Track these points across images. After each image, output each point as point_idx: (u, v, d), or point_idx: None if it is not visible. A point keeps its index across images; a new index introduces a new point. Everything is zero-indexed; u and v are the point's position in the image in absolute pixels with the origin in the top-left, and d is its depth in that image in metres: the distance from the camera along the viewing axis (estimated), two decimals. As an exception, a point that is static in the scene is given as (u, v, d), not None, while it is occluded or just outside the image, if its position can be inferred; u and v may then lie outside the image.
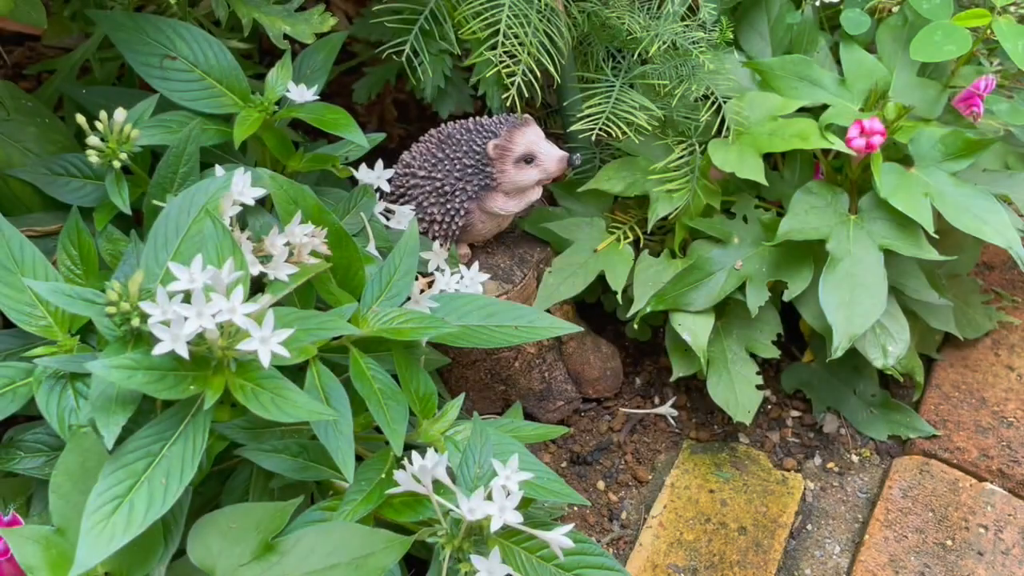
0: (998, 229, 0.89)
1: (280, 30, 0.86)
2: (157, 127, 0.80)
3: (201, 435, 0.57)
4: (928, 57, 0.92)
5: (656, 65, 0.96)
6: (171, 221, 0.67)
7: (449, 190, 0.89)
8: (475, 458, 0.69)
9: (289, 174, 0.85)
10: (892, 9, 1.03)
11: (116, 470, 0.56)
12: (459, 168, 0.88)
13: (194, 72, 0.85)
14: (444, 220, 0.90)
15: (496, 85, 0.98)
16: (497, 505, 0.62)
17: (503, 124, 0.88)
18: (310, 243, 0.74)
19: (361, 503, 0.67)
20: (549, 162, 0.89)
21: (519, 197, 0.91)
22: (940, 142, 0.93)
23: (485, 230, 0.93)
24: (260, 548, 0.60)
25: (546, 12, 0.88)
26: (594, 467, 1.01)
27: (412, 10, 0.92)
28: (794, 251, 0.94)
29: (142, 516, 0.55)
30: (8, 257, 0.69)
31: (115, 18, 0.84)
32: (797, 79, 0.98)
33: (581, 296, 0.99)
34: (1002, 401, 1.05)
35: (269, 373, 0.58)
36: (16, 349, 0.71)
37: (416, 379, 0.75)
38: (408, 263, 0.78)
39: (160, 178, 0.77)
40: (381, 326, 0.74)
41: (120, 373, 0.55)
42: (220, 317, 0.55)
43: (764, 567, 0.89)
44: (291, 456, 0.68)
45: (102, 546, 0.54)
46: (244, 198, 0.72)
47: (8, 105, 0.84)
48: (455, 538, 0.63)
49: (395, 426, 0.69)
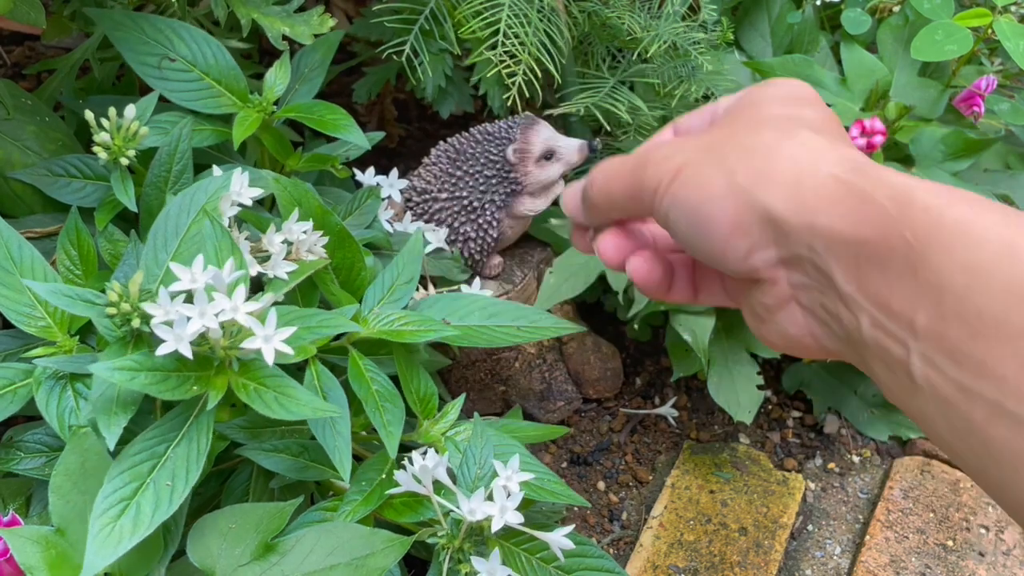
0: (999, 229, 0.89)
1: (279, 31, 0.86)
2: (153, 128, 0.80)
3: (205, 436, 0.57)
4: (929, 57, 0.92)
5: (656, 65, 0.96)
6: (170, 221, 0.67)
7: (477, 205, 0.89)
8: (475, 458, 0.69)
9: (288, 174, 0.85)
10: (893, 9, 1.03)
11: (121, 472, 0.56)
12: (482, 181, 0.88)
13: (193, 72, 0.85)
14: (478, 235, 0.90)
15: (497, 85, 0.98)
16: (498, 506, 0.62)
17: (513, 127, 0.88)
18: (307, 241, 0.74)
19: (361, 504, 0.67)
20: (570, 154, 0.89)
21: (545, 194, 0.91)
22: (941, 142, 0.92)
23: (513, 234, 0.93)
24: (260, 548, 0.60)
25: (546, 12, 0.88)
26: (594, 467, 1.00)
27: (412, 10, 0.92)
28: (795, 251, 0.94)
29: (149, 518, 0.55)
30: (7, 258, 0.69)
31: (114, 17, 0.84)
32: (798, 79, 0.98)
33: (582, 296, 0.99)
34: (1003, 401, 1.04)
35: (272, 372, 0.58)
36: (16, 350, 0.71)
37: (416, 380, 0.75)
38: (412, 269, 0.78)
39: (155, 177, 0.77)
40: (382, 327, 0.74)
41: (123, 374, 0.55)
42: (223, 316, 0.55)
43: (765, 568, 0.89)
44: (291, 456, 0.68)
45: (110, 548, 0.54)
46: (242, 198, 0.72)
47: (8, 104, 0.83)
48: (455, 539, 0.63)
49: (391, 428, 0.69)
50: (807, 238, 0.49)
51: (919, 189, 0.47)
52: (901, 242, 0.46)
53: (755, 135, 0.54)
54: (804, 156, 0.51)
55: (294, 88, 0.90)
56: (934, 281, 0.44)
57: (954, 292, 0.43)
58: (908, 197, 0.46)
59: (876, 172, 0.48)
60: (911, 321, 0.45)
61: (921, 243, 0.45)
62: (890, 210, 0.47)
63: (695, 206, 0.52)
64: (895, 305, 0.46)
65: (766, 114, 0.56)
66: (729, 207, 0.52)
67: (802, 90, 0.60)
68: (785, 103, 0.57)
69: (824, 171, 0.50)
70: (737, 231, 0.52)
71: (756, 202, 0.51)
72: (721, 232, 0.51)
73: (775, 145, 0.52)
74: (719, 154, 0.53)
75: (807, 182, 0.50)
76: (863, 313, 0.48)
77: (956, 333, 0.43)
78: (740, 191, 0.51)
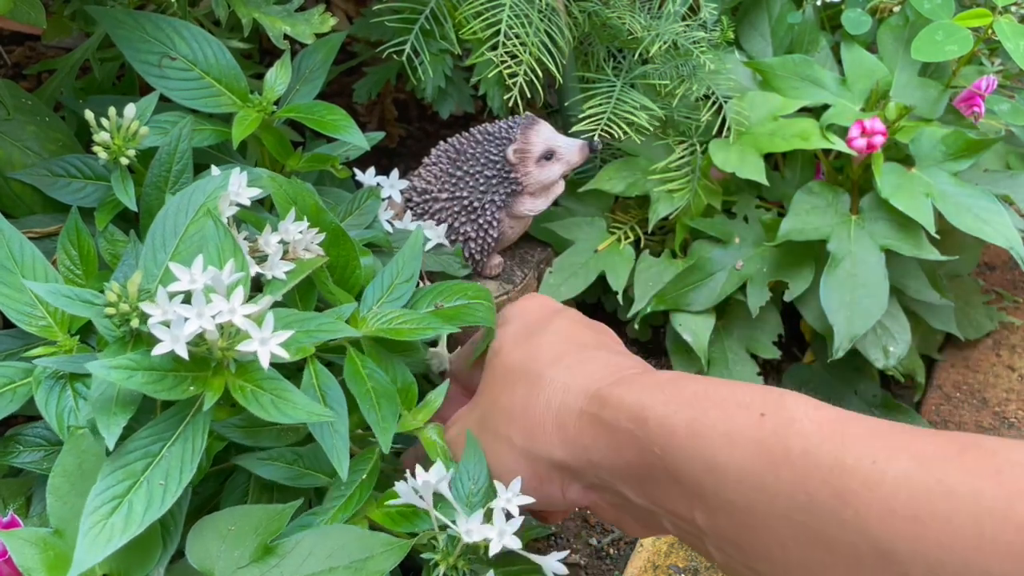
0: (999, 229, 0.89)
1: (280, 30, 0.86)
2: (153, 128, 0.80)
3: (200, 436, 0.57)
4: (929, 57, 0.92)
5: (657, 65, 0.95)
6: (169, 221, 0.67)
7: (477, 205, 0.89)
8: (469, 474, 0.67)
9: (288, 174, 0.85)
10: (893, 9, 1.03)
11: (115, 470, 0.56)
12: (482, 181, 0.88)
13: (193, 71, 0.85)
14: (479, 235, 0.90)
15: (497, 85, 0.98)
16: (497, 529, 0.60)
17: (513, 127, 0.88)
18: (304, 239, 0.74)
19: (342, 508, 0.66)
20: (570, 153, 0.89)
21: (545, 195, 0.91)
22: (941, 142, 0.92)
23: (513, 234, 0.93)
24: (259, 551, 0.60)
25: (547, 12, 0.88)
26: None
27: (412, 10, 0.92)
28: (795, 251, 0.94)
29: (140, 516, 0.55)
30: (8, 257, 0.69)
31: (115, 15, 0.84)
32: (798, 79, 0.98)
33: (582, 296, 0.99)
34: (1003, 402, 1.04)
35: (269, 374, 0.58)
36: (16, 349, 0.71)
37: (393, 371, 0.74)
38: (411, 268, 0.78)
39: (155, 177, 0.77)
40: (380, 326, 0.74)
41: (120, 373, 0.55)
42: (220, 318, 0.55)
43: (765, 568, 0.89)
44: (286, 464, 0.68)
45: (100, 546, 0.53)
46: (241, 198, 0.72)
47: (8, 104, 0.83)
48: (450, 555, 0.63)
49: (385, 424, 0.69)
50: (593, 471, 0.57)
51: (650, 406, 0.53)
52: (655, 458, 0.52)
53: (510, 394, 0.62)
54: (557, 400, 0.59)
55: (295, 88, 0.90)
56: (692, 485, 0.50)
57: (709, 491, 0.49)
58: (643, 416, 0.53)
59: (617, 397, 0.55)
60: (693, 520, 0.51)
61: (669, 454, 0.51)
62: (636, 432, 0.53)
63: (499, 476, 0.63)
64: (679, 509, 0.52)
65: (510, 364, 0.64)
66: (525, 469, 0.61)
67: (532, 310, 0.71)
68: (517, 339, 0.67)
69: (576, 410, 0.57)
70: (543, 483, 0.60)
71: (540, 456, 0.59)
72: (531, 486, 0.60)
73: (530, 400, 0.60)
74: (492, 428, 0.63)
75: (569, 427, 0.58)
76: (663, 518, 0.54)
77: (726, 524, 0.48)
78: (525, 453, 0.60)
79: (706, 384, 0.52)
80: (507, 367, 0.63)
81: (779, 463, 0.45)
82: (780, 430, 0.47)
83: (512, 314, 0.70)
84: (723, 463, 0.48)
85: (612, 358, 0.62)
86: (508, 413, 0.61)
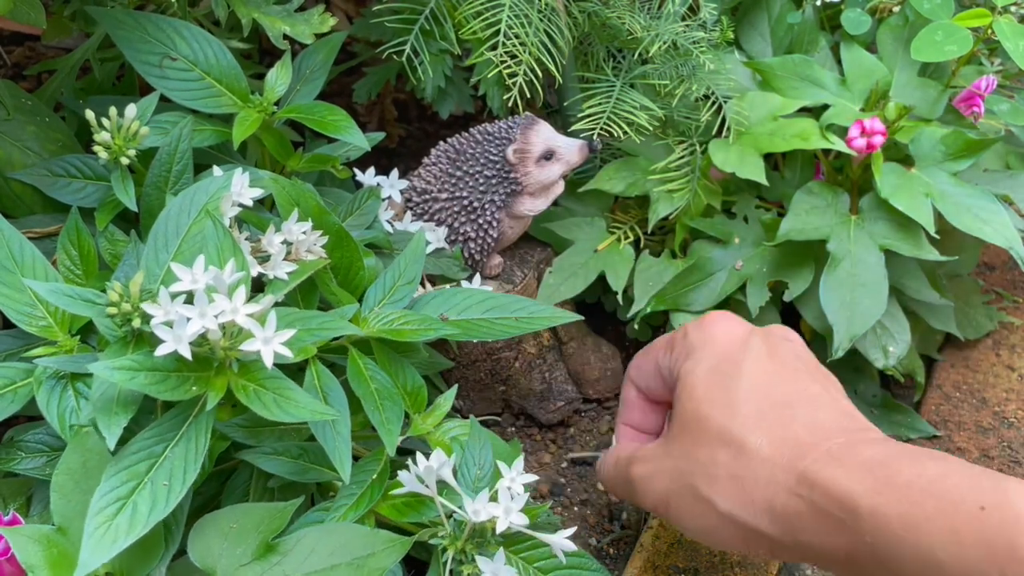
0: (999, 229, 0.89)
1: (280, 31, 0.86)
2: (154, 128, 0.81)
3: (203, 436, 0.57)
4: (929, 57, 0.92)
5: (657, 65, 0.96)
6: (171, 221, 0.67)
7: (477, 205, 0.89)
8: (475, 459, 0.69)
9: (288, 175, 0.85)
10: (893, 9, 1.03)
11: (119, 471, 0.56)
12: (482, 181, 0.88)
13: (193, 71, 0.85)
14: (478, 236, 0.90)
15: (497, 85, 0.98)
16: (502, 507, 0.62)
17: (512, 127, 0.88)
18: (307, 240, 0.74)
19: (352, 507, 0.67)
20: (570, 154, 0.89)
21: (545, 195, 0.91)
22: (941, 142, 0.92)
23: (513, 234, 0.93)
24: (261, 548, 0.60)
25: (547, 12, 0.88)
26: (595, 467, 1.00)
27: (412, 10, 0.92)
28: (795, 251, 0.94)
29: (145, 517, 0.55)
30: (8, 257, 0.69)
31: (115, 15, 0.84)
32: (798, 79, 0.98)
33: (582, 296, 0.99)
34: (1003, 402, 1.05)
35: (272, 374, 0.58)
36: (16, 349, 0.71)
37: (403, 374, 0.75)
38: (414, 269, 0.78)
39: (155, 177, 0.77)
40: (382, 327, 0.74)
41: (122, 374, 0.55)
42: (223, 318, 0.55)
43: (765, 568, 0.89)
44: (291, 458, 0.68)
45: (106, 548, 0.54)
46: (243, 199, 0.72)
47: (8, 104, 0.83)
48: (458, 540, 0.63)
49: (389, 426, 0.69)
50: (800, 550, 0.58)
51: (860, 494, 0.54)
52: (866, 546, 0.53)
53: (710, 454, 0.62)
54: (765, 475, 0.59)
55: (295, 89, 0.90)
56: (899, 573, 0.51)
57: None
58: (853, 506, 0.54)
59: (824, 482, 0.56)
60: None
61: (881, 545, 0.52)
62: (846, 521, 0.54)
63: (696, 534, 0.64)
64: None
65: (705, 416, 0.63)
66: (730, 533, 0.61)
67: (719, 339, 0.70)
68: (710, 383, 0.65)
69: (784, 488, 0.58)
70: (748, 545, 0.61)
71: (747, 524, 0.60)
72: (733, 544, 0.62)
73: (735, 470, 0.61)
74: (691, 486, 0.62)
75: (777, 505, 0.58)
76: None
77: None
78: (730, 519, 0.61)
79: (917, 465, 0.53)
80: (702, 419, 0.63)
81: (1004, 562, 0.45)
82: (1005, 527, 0.46)
83: (698, 341, 0.68)
84: (941, 559, 0.48)
85: (814, 416, 0.61)
86: (710, 476, 0.62)
